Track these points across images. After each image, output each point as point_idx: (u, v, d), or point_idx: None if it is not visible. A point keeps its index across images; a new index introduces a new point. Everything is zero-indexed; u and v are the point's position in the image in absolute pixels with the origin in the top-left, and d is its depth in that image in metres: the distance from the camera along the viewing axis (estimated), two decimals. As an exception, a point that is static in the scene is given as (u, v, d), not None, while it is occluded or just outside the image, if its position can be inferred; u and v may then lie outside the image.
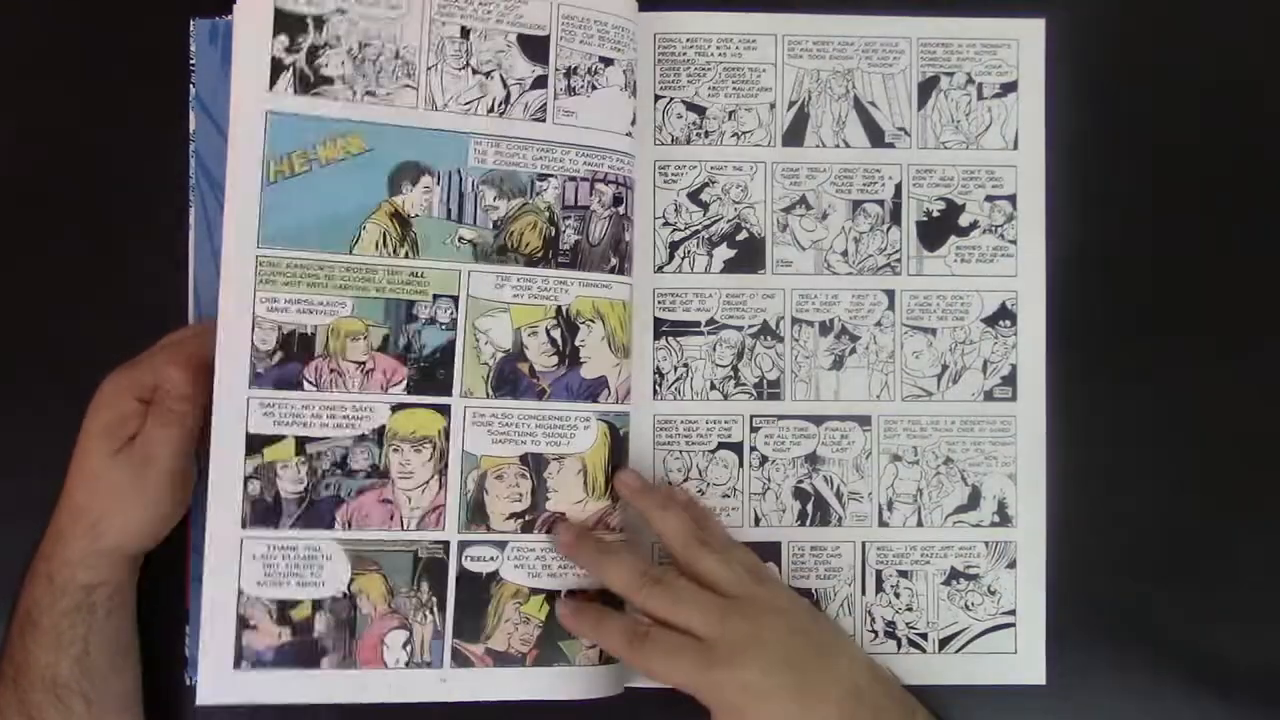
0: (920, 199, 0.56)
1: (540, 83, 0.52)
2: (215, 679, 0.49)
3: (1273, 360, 0.57)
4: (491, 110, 0.52)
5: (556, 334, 0.51)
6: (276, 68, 0.50)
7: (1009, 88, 0.57)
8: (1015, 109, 0.57)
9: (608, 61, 0.52)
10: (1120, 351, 0.56)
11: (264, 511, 0.50)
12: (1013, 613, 0.56)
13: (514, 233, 0.51)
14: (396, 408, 0.51)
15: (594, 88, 0.52)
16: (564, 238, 0.51)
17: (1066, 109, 0.57)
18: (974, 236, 0.57)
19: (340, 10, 0.51)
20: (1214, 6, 0.58)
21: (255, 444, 0.50)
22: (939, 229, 0.57)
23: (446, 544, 0.51)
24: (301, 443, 0.50)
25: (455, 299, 0.51)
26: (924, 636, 0.56)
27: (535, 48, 0.52)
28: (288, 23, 0.50)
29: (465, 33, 0.52)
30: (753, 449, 0.56)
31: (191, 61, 0.56)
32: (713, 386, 0.56)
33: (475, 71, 0.52)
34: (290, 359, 0.50)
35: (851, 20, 0.57)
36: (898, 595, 0.56)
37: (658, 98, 0.56)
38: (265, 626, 0.50)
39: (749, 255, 0.56)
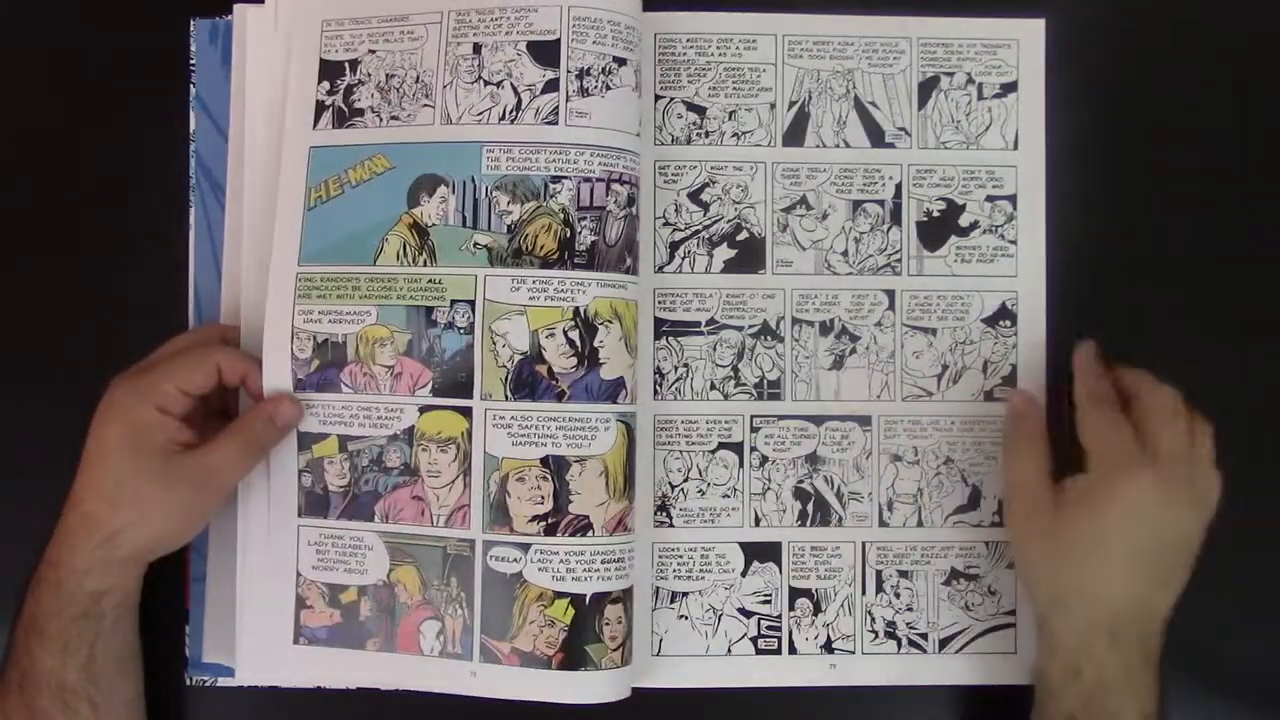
0: (920, 199, 0.57)
1: (551, 87, 0.52)
2: (267, 657, 0.53)
3: (1273, 360, 0.57)
4: (503, 118, 0.52)
5: (575, 335, 0.51)
6: (319, 109, 0.54)
7: (1009, 88, 0.57)
8: (1015, 109, 0.57)
9: (621, 61, 0.53)
10: (1120, 352, 0.57)
11: (315, 502, 0.53)
12: (1013, 613, 0.56)
13: (528, 236, 0.52)
14: (423, 409, 0.52)
15: (608, 88, 0.52)
16: (580, 239, 0.52)
17: (1066, 109, 0.57)
18: (974, 236, 0.57)
19: (371, 50, 0.54)
20: (1214, 6, 0.58)
21: (304, 441, 0.53)
22: (939, 229, 0.57)
23: (472, 542, 0.52)
24: (343, 441, 0.53)
25: (472, 303, 0.52)
26: (924, 637, 0.56)
27: (545, 53, 0.52)
28: (330, 70, 0.54)
29: (477, 49, 0.53)
30: (753, 449, 0.56)
31: (191, 61, 0.56)
32: (713, 386, 0.56)
33: (487, 83, 0.53)
34: (326, 365, 0.53)
35: (851, 20, 0.57)
36: (898, 595, 0.56)
37: (658, 98, 0.57)
38: (320, 607, 0.53)
39: (749, 255, 0.57)
